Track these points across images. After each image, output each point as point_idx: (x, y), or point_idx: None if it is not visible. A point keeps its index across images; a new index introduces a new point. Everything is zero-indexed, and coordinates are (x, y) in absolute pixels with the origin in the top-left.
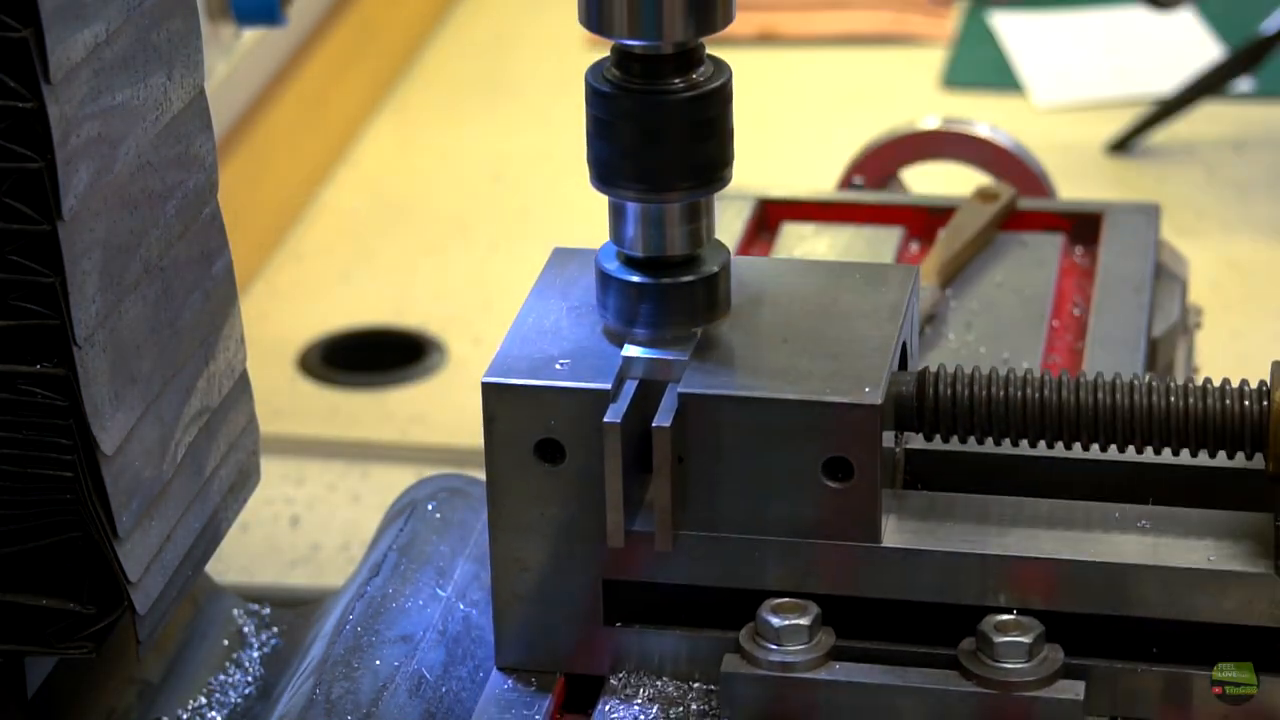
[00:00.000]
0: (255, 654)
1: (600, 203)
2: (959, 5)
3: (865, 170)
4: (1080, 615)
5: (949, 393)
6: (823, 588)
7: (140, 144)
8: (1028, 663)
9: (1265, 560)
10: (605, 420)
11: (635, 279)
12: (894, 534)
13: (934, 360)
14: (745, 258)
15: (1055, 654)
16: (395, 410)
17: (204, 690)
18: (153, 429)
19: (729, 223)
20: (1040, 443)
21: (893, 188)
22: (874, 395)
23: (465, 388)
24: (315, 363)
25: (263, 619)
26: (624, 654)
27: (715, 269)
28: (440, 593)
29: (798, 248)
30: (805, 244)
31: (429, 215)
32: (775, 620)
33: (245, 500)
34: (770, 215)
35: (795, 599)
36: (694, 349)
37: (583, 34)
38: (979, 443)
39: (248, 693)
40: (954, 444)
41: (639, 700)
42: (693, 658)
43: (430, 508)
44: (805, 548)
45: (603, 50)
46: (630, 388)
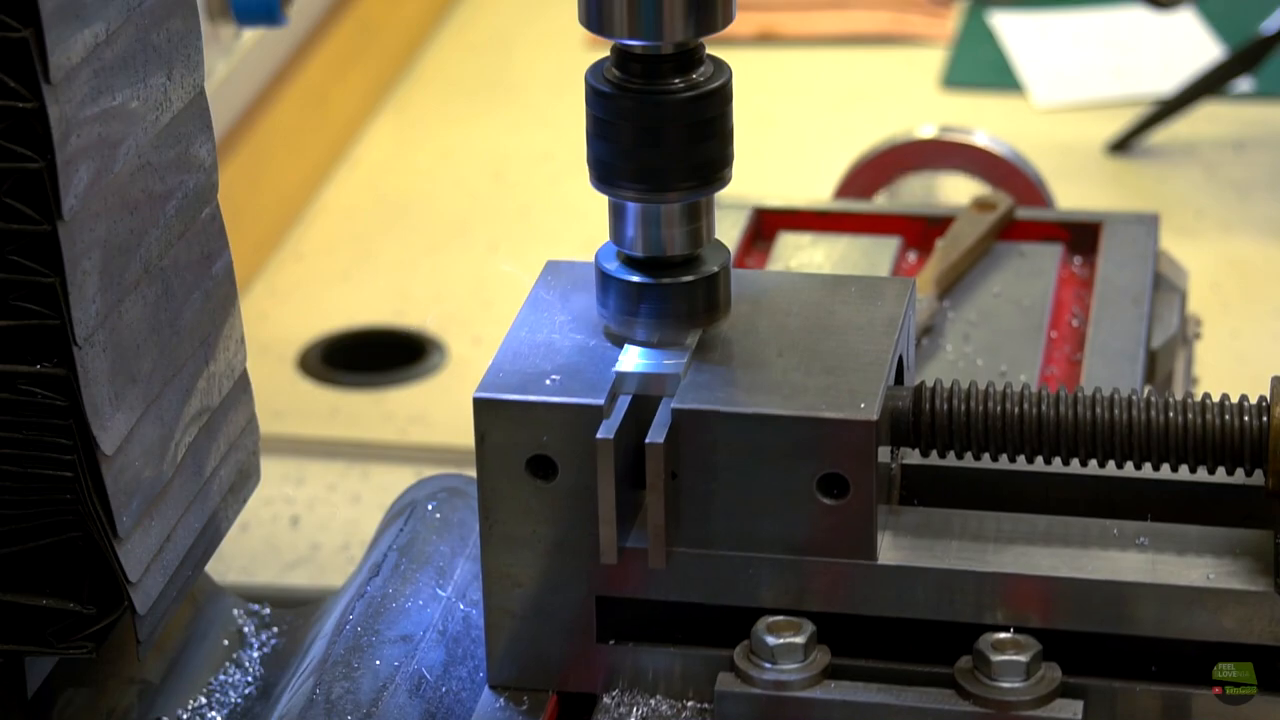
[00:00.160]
0: (255, 654)
1: (600, 203)
2: (959, 5)
3: (862, 178)
4: (1078, 633)
5: (945, 408)
6: (818, 605)
7: (140, 144)
8: (1025, 682)
9: (1265, 578)
10: (598, 436)
11: (635, 279)
12: (889, 551)
13: (931, 372)
14: (741, 270)
15: (1053, 673)
16: (395, 410)
17: (204, 690)
18: (153, 429)
19: (725, 232)
20: (1037, 458)
21: (891, 194)
22: (869, 411)
23: (465, 388)
24: (315, 363)
25: (263, 619)
26: (617, 672)
27: (715, 269)
28: (440, 593)
29: (794, 257)
30: (802, 254)
31: (429, 215)
32: (770, 638)
33: (245, 500)
34: (766, 225)
35: (790, 617)
36: (688, 361)
37: (583, 34)
38: (975, 458)
39: (248, 693)
40: (950, 459)
41: (632, 719)
42: (686, 676)
43: (430, 508)
44: (800, 565)
45: (603, 50)
46: (623, 403)
